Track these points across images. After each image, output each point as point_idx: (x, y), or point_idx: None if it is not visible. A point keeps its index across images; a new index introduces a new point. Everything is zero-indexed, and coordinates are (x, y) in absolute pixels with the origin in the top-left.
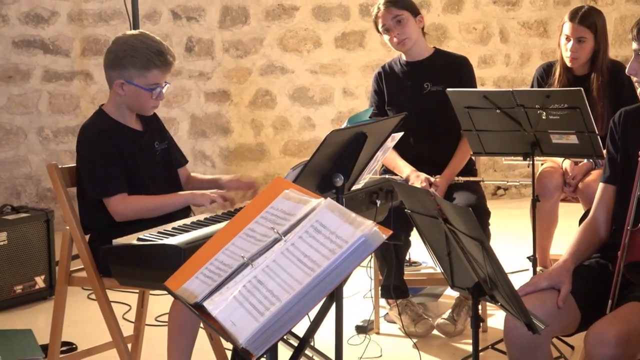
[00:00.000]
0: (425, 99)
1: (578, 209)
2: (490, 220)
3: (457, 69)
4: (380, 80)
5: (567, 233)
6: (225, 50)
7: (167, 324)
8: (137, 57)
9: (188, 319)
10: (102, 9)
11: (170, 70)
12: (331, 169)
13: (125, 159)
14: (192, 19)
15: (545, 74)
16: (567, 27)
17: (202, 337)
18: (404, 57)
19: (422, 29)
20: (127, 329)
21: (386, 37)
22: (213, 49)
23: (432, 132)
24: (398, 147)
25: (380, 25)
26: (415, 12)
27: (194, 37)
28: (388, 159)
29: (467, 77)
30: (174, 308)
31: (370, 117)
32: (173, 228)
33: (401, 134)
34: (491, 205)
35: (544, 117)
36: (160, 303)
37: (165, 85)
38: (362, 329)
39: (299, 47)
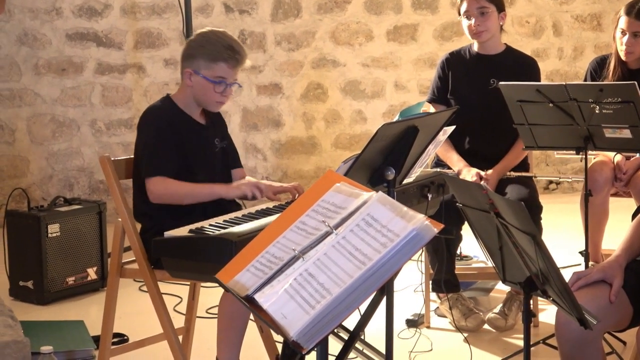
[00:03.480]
0: (489, 94)
1: (630, 204)
2: (542, 215)
3: (526, 70)
4: (447, 67)
5: (620, 228)
6: (277, 43)
7: (217, 316)
8: (206, 48)
9: (237, 311)
10: (155, 2)
11: (239, 68)
12: (382, 162)
13: (183, 148)
14: (245, 12)
15: (599, 67)
16: (623, 21)
17: (252, 329)
18: (475, 48)
19: (502, 25)
20: (178, 321)
21: (465, 22)
22: (265, 42)
23: (490, 128)
24: (454, 139)
25: (462, 9)
26: (501, 7)
27: (246, 30)
28: (442, 150)
29: (534, 80)
30: (224, 300)
31: (428, 101)
32: (224, 221)
33: (453, 127)
34: (543, 199)
35: (597, 111)
36: (211, 295)
37: (234, 84)
38: (412, 323)
39: (350, 40)
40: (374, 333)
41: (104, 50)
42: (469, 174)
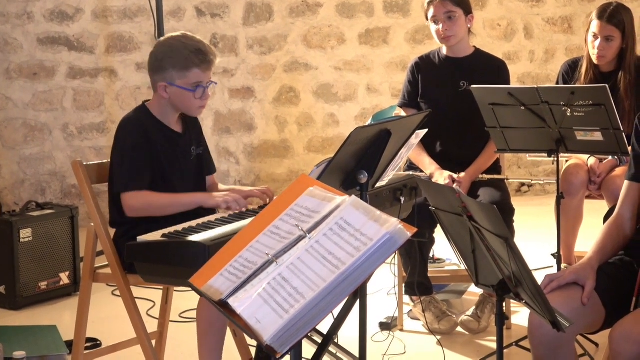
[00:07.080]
0: (460, 97)
1: (602, 206)
2: (515, 218)
3: (496, 72)
4: (417, 71)
5: (592, 230)
6: (249, 47)
7: (191, 320)
8: (175, 58)
9: (217, 316)
10: (127, 6)
11: (212, 69)
12: (355, 166)
13: (159, 158)
14: (217, 15)
15: (570, 70)
16: (595, 25)
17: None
18: (444, 52)
19: (470, 28)
20: (151, 326)
21: (433, 27)
22: (237, 46)
23: (462, 131)
24: (425, 142)
25: (430, 14)
26: (468, 10)
27: (218, 34)
28: (414, 154)
29: (504, 81)
30: (202, 305)
31: (399, 106)
32: (198, 225)
33: (425, 131)
34: (515, 202)
35: (568, 114)
36: (184, 299)
37: (210, 84)
38: (386, 326)
39: (323, 43)
40: (348, 336)
41: (76, 54)
42: (442, 177)
